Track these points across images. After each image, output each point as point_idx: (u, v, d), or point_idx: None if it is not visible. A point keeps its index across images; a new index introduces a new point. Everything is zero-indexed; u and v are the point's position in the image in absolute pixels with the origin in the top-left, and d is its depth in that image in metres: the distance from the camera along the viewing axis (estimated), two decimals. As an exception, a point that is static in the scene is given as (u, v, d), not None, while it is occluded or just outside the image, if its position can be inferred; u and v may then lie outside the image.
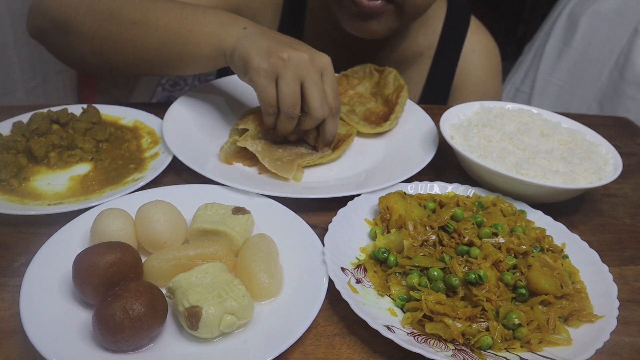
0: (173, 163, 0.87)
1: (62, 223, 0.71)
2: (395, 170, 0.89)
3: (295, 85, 0.82)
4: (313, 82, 0.82)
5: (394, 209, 0.76)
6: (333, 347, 0.61)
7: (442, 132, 0.91)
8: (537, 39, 2.46)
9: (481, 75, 1.26)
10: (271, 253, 0.67)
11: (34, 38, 1.03)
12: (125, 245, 0.63)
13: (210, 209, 0.73)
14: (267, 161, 0.87)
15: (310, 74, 0.82)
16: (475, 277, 0.63)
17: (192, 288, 0.59)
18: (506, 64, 1.65)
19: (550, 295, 0.64)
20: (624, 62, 2.09)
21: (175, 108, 0.99)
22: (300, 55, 0.81)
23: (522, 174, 0.82)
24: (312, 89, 0.82)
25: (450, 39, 1.23)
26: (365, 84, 1.14)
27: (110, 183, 0.83)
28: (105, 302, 0.55)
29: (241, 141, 0.89)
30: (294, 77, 0.81)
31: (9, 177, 0.81)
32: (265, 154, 0.89)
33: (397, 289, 0.66)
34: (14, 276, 0.66)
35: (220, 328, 0.57)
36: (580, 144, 0.92)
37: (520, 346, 0.60)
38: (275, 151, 0.91)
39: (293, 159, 0.90)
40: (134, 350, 0.56)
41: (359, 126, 1.02)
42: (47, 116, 0.92)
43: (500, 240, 0.70)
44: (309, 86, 0.82)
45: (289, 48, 0.82)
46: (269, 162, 0.87)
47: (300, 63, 0.81)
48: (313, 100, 0.83)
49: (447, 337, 0.59)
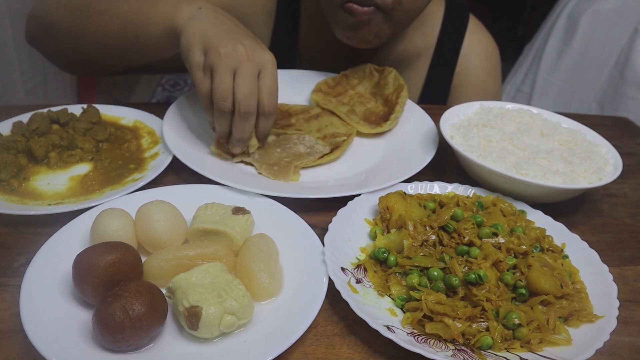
0: (173, 163, 0.87)
1: (62, 223, 0.71)
2: (395, 170, 0.89)
3: (227, 77, 0.79)
4: (243, 74, 0.79)
5: (394, 209, 0.76)
6: (333, 347, 0.61)
7: (442, 132, 0.91)
8: (537, 39, 2.46)
9: (480, 75, 1.26)
10: (271, 253, 0.67)
11: (30, 44, 1.06)
12: (125, 245, 0.63)
13: (210, 209, 0.73)
14: (265, 168, 0.88)
15: (243, 66, 0.79)
16: (475, 277, 0.63)
17: (192, 288, 0.59)
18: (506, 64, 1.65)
19: (550, 295, 0.64)
20: (624, 62, 2.09)
21: (175, 108, 0.99)
22: (238, 48, 0.80)
23: (522, 174, 0.82)
24: (239, 79, 0.79)
25: (448, 39, 1.23)
26: (365, 84, 1.14)
27: (110, 183, 0.83)
28: (105, 302, 0.55)
29: (238, 157, 0.90)
30: (226, 69, 0.79)
31: (9, 177, 0.81)
32: (262, 160, 0.89)
33: (397, 289, 0.66)
34: (14, 276, 0.66)
35: (220, 328, 0.57)
36: (580, 144, 0.92)
37: (520, 346, 0.60)
38: (273, 153, 0.91)
39: (290, 160, 0.90)
40: (134, 350, 0.56)
41: (359, 126, 1.02)
42: (47, 116, 0.92)
43: (500, 240, 0.70)
44: (237, 77, 0.80)
45: (230, 40, 0.80)
46: (267, 169, 0.88)
47: (236, 56, 0.79)
48: (238, 92, 0.80)
49: (447, 337, 0.59)
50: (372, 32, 1.00)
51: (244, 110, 0.81)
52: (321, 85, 1.14)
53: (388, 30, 1.01)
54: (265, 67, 0.82)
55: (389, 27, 1.00)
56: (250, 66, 0.80)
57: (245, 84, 0.80)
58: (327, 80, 1.15)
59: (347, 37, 1.03)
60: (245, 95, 0.80)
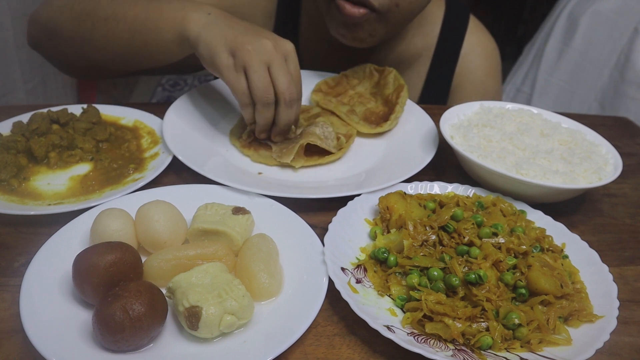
0: (173, 163, 0.87)
1: (62, 223, 0.71)
2: (395, 170, 0.89)
3: (264, 71, 0.83)
4: (279, 66, 0.83)
5: (394, 209, 0.76)
6: (333, 347, 0.61)
7: (442, 132, 0.91)
8: (537, 39, 2.46)
9: (480, 76, 1.25)
10: (271, 253, 0.67)
11: (33, 48, 1.07)
12: (125, 245, 0.63)
13: (210, 209, 0.73)
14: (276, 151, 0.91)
15: (276, 59, 0.83)
16: (475, 277, 0.63)
17: (192, 288, 0.59)
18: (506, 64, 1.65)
19: (550, 295, 0.64)
20: (624, 62, 2.09)
21: (175, 108, 0.99)
22: (265, 42, 0.83)
23: (522, 174, 0.82)
24: (277, 72, 0.83)
25: (448, 39, 1.23)
26: (365, 84, 1.14)
27: (110, 183, 0.83)
28: (105, 302, 0.55)
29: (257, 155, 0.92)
30: (260, 64, 0.82)
31: (9, 177, 0.81)
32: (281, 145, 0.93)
33: (397, 289, 0.66)
34: (14, 276, 0.66)
35: (220, 328, 0.57)
36: (580, 144, 0.92)
37: (520, 346, 0.60)
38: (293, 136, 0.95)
39: (298, 137, 0.92)
40: (134, 350, 0.56)
41: (359, 126, 1.02)
42: (47, 116, 0.92)
43: (500, 240, 0.70)
44: (275, 70, 0.83)
45: (253, 37, 0.83)
46: (277, 151, 0.91)
47: (265, 50, 0.82)
48: (280, 83, 0.84)
49: (447, 337, 0.59)
50: (366, 32, 1.00)
51: (289, 99, 0.85)
52: (321, 85, 1.14)
53: (383, 29, 1.01)
54: (289, 55, 0.86)
55: (383, 27, 1.00)
56: (279, 57, 0.84)
57: (283, 75, 0.84)
58: (327, 80, 1.15)
59: (341, 35, 1.03)
60: (287, 85, 0.84)
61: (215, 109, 1.04)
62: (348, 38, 1.03)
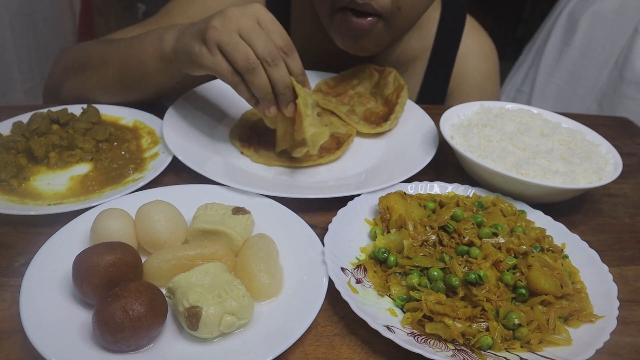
0: (173, 163, 0.87)
1: (62, 223, 0.70)
2: (395, 170, 0.89)
3: (236, 40, 0.79)
4: (249, 29, 0.80)
5: (394, 209, 0.76)
6: (333, 347, 0.61)
7: (442, 132, 0.91)
8: (537, 39, 2.46)
9: (478, 78, 1.24)
10: (271, 253, 0.67)
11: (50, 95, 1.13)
12: (125, 245, 0.63)
13: (210, 209, 0.73)
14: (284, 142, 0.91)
15: (245, 24, 0.80)
16: (475, 277, 0.63)
17: (192, 288, 0.59)
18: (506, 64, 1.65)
19: (550, 295, 0.64)
20: (624, 62, 2.09)
21: (175, 108, 0.99)
22: (228, 13, 0.80)
23: (522, 174, 0.82)
24: (249, 36, 0.79)
25: (445, 41, 1.22)
26: (365, 84, 1.14)
27: (110, 183, 0.83)
28: (105, 302, 0.55)
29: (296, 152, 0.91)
30: (230, 35, 0.79)
31: (9, 177, 0.81)
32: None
33: (397, 289, 0.66)
34: (14, 276, 0.66)
35: (220, 328, 0.57)
36: (580, 144, 0.92)
37: (520, 346, 0.60)
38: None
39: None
40: (134, 350, 0.56)
41: (359, 126, 1.02)
42: (47, 116, 0.92)
43: (500, 240, 0.70)
44: (246, 35, 0.80)
45: (216, 15, 0.81)
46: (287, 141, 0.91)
47: (231, 19, 0.80)
48: (256, 46, 0.79)
49: (447, 337, 0.59)
50: (372, 41, 1.00)
51: (271, 58, 0.80)
52: (321, 85, 1.14)
53: (388, 37, 1.01)
54: (259, 14, 0.82)
55: (389, 34, 1.00)
56: (248, 21, 0.80)
57: (257, 36, 0.80)
58: (327, 80, 1.15)
59: (347, 47, 1.03)
60: (263, 45, 0.80)
61: (215, 109, 1.04)
62: (355, 49, 1.03)
